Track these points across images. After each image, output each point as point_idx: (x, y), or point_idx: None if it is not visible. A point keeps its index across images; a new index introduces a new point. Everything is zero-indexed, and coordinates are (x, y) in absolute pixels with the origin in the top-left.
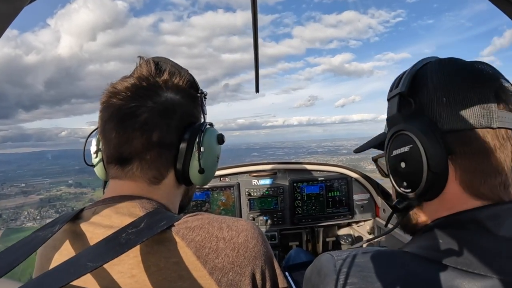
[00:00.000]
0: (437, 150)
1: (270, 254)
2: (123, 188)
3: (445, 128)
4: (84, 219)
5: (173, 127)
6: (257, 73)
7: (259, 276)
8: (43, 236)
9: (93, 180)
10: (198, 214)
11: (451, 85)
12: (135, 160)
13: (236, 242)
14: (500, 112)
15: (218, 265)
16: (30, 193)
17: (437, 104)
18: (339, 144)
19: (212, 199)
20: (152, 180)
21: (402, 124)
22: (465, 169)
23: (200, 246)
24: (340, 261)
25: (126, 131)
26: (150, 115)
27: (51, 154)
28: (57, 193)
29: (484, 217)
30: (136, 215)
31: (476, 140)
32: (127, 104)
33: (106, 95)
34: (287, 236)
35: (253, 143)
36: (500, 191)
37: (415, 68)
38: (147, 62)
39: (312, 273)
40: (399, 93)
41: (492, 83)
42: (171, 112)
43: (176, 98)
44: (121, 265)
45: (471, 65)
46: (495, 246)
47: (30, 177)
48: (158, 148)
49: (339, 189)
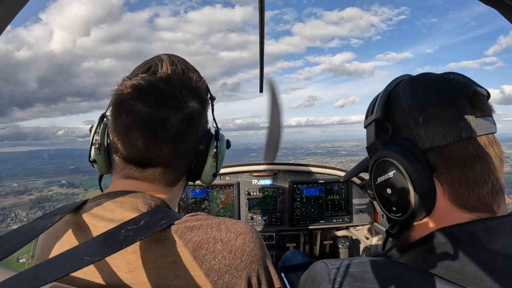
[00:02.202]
0: (420, 171)
1: (267, 258)
2: (136, 185)
3: (425, 146)
4: (88, 211)
5: (196, 136)
6: (262, 73)
7: (255, 280)
8: (42, 225)
9: (86, 180)
10: (198, 214)
11: (426, 102)
12: (160, 166)
13: (234, 245)
14: (477, 120)
15: (214, 266)
16: (21, 193)
17: (414, 124)
18: (338, 145)
19: (212, 197)
20: (170, 183)
21: (382, 151)
22: (451, 184)
23: (198, 246)
24: (335, 271)
25: (157, 141)
26: (181, 127)
27: (48, 153)
28: (48, 193)
29: (478, 230)
30: (139, 210)
31: (459, 153)
32: (157, 113)
33: (126, 95)
34: (284, 237)
35: (251, 144)
36: (488, 199)
37: (388, 89)
38: (171, 63)
39: (307, 281)
40: (374, 120)
41: (466, 92)
42: (196, 123)
43: (198, 107)
44: (119, 259)
45: (442, 78)
46: (489, 261)
47: (24, 176)
48: (182, 157)
49: (338, 192)
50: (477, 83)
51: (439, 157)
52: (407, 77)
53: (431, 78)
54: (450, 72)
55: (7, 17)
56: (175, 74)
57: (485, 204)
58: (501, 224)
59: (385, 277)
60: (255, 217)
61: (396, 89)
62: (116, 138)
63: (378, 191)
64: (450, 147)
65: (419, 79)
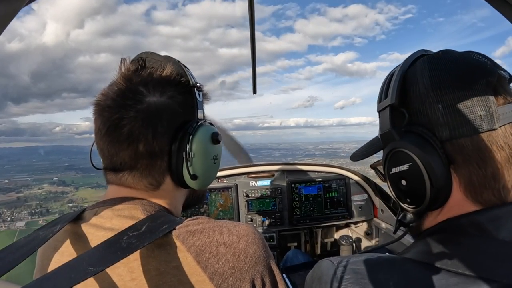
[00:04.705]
0: (438, 164)
1: (270, 260)
2: (122, 192)
3: (443, 136)
4: (86, 220)
5: (161, 133)
6: (255, 74)
7: (259, 281)
8: (43, 236)
9: (78, 178)
10: (199, 218)
11: (445, 87)
12: (126, 170)
13: (237, 247)
14: (500, 108)
15: (218, 270)
16: (10, 191)
17: (433, 112)
18: (337, 147)
19: (210, 201)
20: (149, 187)
21: (399, 142)
22: (468, 178)
23: (201, 250)
24: (341, 268)
25: (114, 143)
26: (133, 126)
27: (44, 149)
28: (37, 191)
29: (484, 220)
30: (137, 218)
31: (478, 145)
32: (111, 116)
33: (96, 103)
34: (285, 237)
35: (250, 144)
36: (503, 193)
37: (403, 69)
38: (123, 62)
39: (313, 280)
40: (389, 105)
41: (490, 78)
42: (156, 119)
43: (160, 100)
44: (121, 268)
45: (464, 59)
46: (496, 250)
47: (16, 173)
48: (147, 158)
49: (337, 190)
50: (500, 66)
51: (458, 149)
52: (424, 54)
53: (452, 59)
54: (471, 51)
55: (8, 17)
56: (131, 71)
57: (498, 199)
58: (506, 212)
59: (392, 273)
60: (255, 218)
61: (412, 69)
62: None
63: (392, 181)
64: (469, 139)
65: (438, 60)
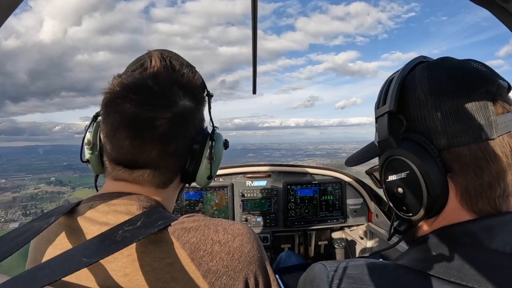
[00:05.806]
0: (435, 173)
1: (265, 260)
2: (125, 187)
3: (441, 145)
4: (81, 213)
5: (188, 136)
6: (255, 73)
7: (253, 281)
8: (38, 227)
9: (76, 178)
10: (195, 216)
11: (444, 95)
12: (148, 168)
13: (232, 246)
14: (499, 118)
15: (212, 268)
16: (6, 190)
17: (431, 119)
18: (337, 147)
19: (206, 199)
20: (160, 185)
21: (396, 149)
22: (465, 187)
23: (195, 248)
24: (333, 272)
25: (144, 141)
26: (169, 127)
27: (44, 149)
28: (34, 191)
29: (477, 229)
30: (133, 213)
31: (476, 155)
32: (144, 113)
33: (115, 94)
34: (279, 238)
35: (249, 144)
36: (498, 203)
37: (402, 75)
38: (161, 59)
39: (306, 283)
40: (387, 112)
41: (489, 87)
42: (187, 122)
43: (191, 106)
44: (115, 263)
45: (463, 67)
46: (488, 259)
47: (14, 172)
48: (173, 158)
49: (332, 193)
50: (499, 75)
51: (455, 157)
52: (423, 60)
53: (451, 67)
54: (471, 59)
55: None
56: (164, 71)
57: (494, 208)
58: (500, 222)
59: (384, 279)
60: (250, 218)
61: (411, 75)
62: (105, 138)
63: (388, 189)
64: (467, 148)
65: (438, 67)
